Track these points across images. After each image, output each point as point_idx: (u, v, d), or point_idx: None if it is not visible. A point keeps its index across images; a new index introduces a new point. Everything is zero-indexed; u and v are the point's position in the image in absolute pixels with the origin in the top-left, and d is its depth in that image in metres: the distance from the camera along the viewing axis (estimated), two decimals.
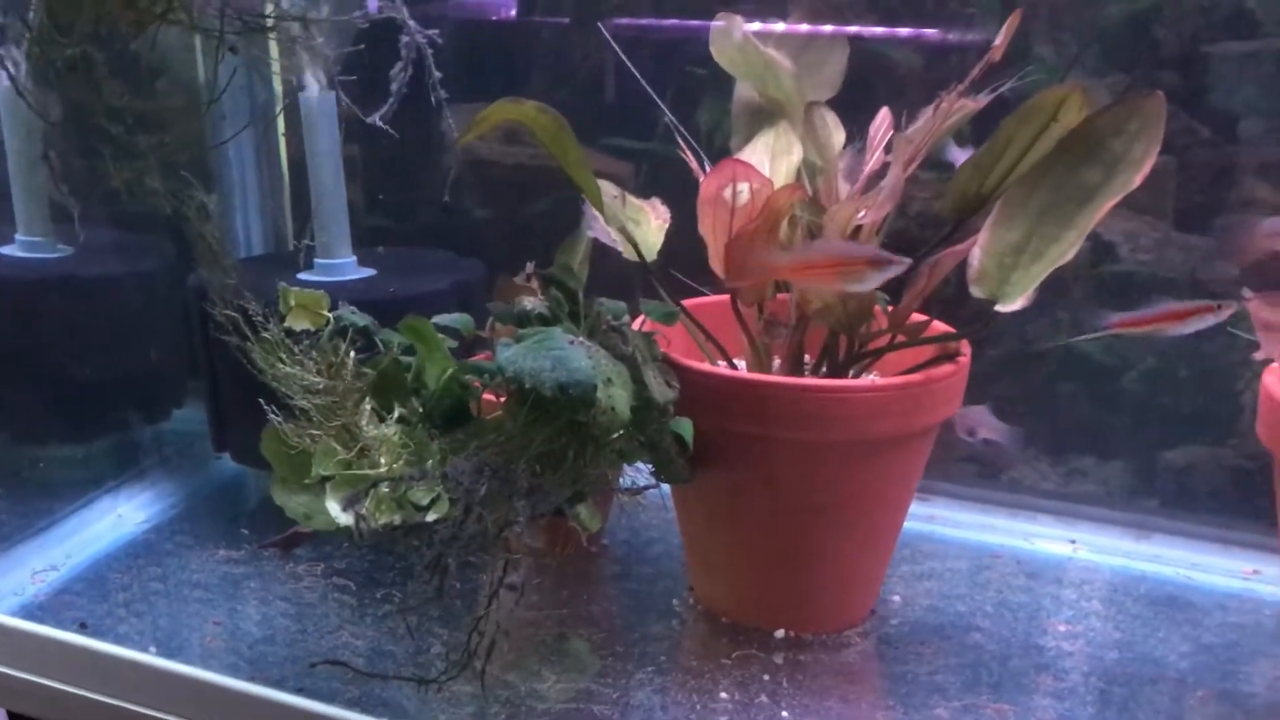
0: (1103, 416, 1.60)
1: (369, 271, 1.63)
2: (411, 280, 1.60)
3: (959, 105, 1.23)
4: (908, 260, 1.14)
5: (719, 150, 1.40)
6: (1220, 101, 1.44)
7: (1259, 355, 1.16)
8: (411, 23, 1.20)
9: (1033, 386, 1.62)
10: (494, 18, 1.87)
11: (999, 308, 1.17)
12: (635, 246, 1.28)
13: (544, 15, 1.83)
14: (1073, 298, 1.55)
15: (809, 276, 1.18)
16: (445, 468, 1.12)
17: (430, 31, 1.22)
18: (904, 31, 1.57)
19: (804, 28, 1.44)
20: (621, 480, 1.37)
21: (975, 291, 1.18)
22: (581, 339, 1.13)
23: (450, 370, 1.16)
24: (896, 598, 1.44)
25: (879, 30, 1.58)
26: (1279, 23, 1.39)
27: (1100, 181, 1.12)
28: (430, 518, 1.16)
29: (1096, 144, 1.11)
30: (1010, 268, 1.16)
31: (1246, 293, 1.15)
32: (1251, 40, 1.41)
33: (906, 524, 1.40)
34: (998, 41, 1.16)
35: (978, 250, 1.17)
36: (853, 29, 1.55)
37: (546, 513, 1.16)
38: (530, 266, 1.40)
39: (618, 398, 1.10)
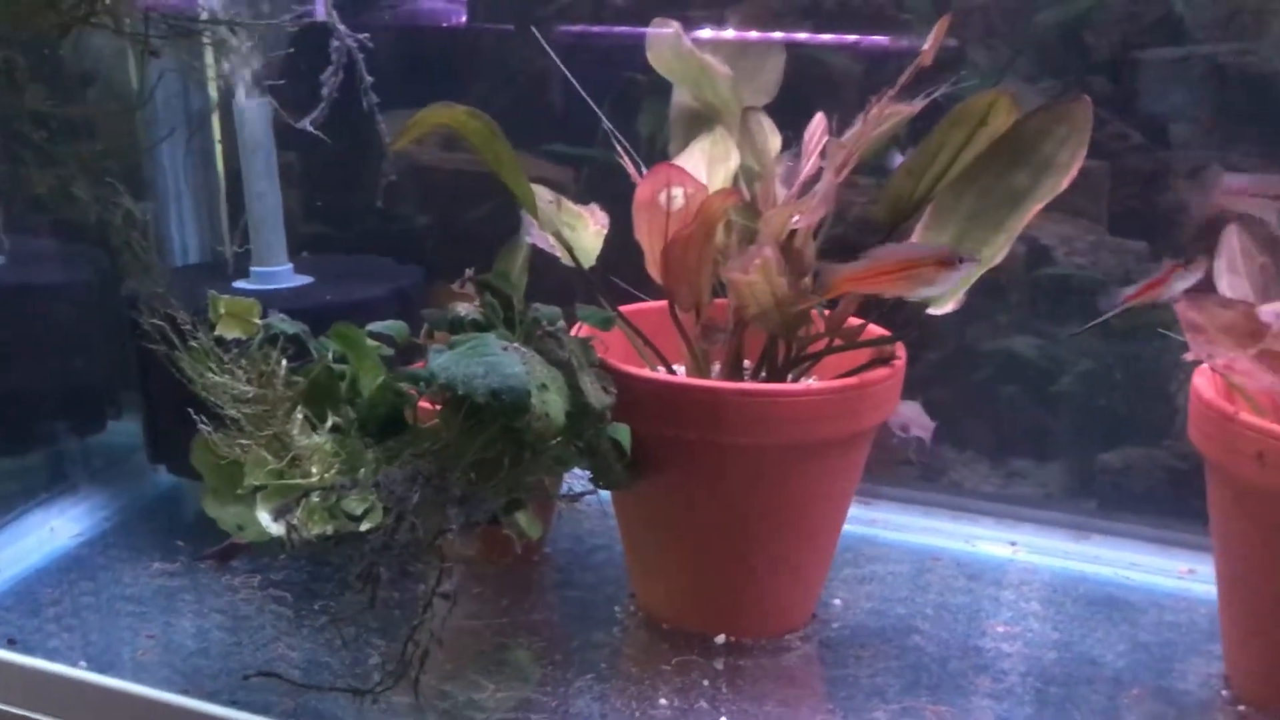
0: (1041, 419, 1.62)
1: (306, 279, 1.61)
2: (349, 287, 1.59)
3: (892, 110, 1.23)
4: (977, 258, 1.13)
5: (660, 156, 1.40)
6: (1151, 106, 1.46)
7: (1188, 356, 1.17)
8: (341, 27, 1.19)
9: (972, 389, 1.63)
10: (443, 25, 1.86)
11: (931, 311, 1.18)
12: (571, 252, 1.28)
13: (490, 22, 1.82)
14: (1010, 301, 1.57)
15: (878, 284, 1.16)
16: (378, 476, 1.11)
17: (360, 36, 1.21)
18: (841, 37, 1.58)
19: (753, 34, 1.44)
20: (562, 487, 1.37)
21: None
22: (516, 345, 1.12)
23: (382, 378, 1.15)
24: (838, 601, 1.44)
25: (816, 36, 1.58)
26: (1206, 29, 1.41)
27: (1029, 185, 1.12)
28: (364, 527, 1.15)
29: (1025, 148, 1.11)
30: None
31: (1175, 295, 1.16)
32: (1180, 46, 1.43)
33: (849, 527, 1.40)
34: (926, 47, 1.17)
35: None
36: (791, 35, 1.55)
37: (482, 521, 1.15)
38: (469, 272, 1.39)
39: (552, 403, 1.09)
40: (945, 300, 1.17)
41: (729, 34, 1.46)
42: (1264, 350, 1.11)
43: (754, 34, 1.42)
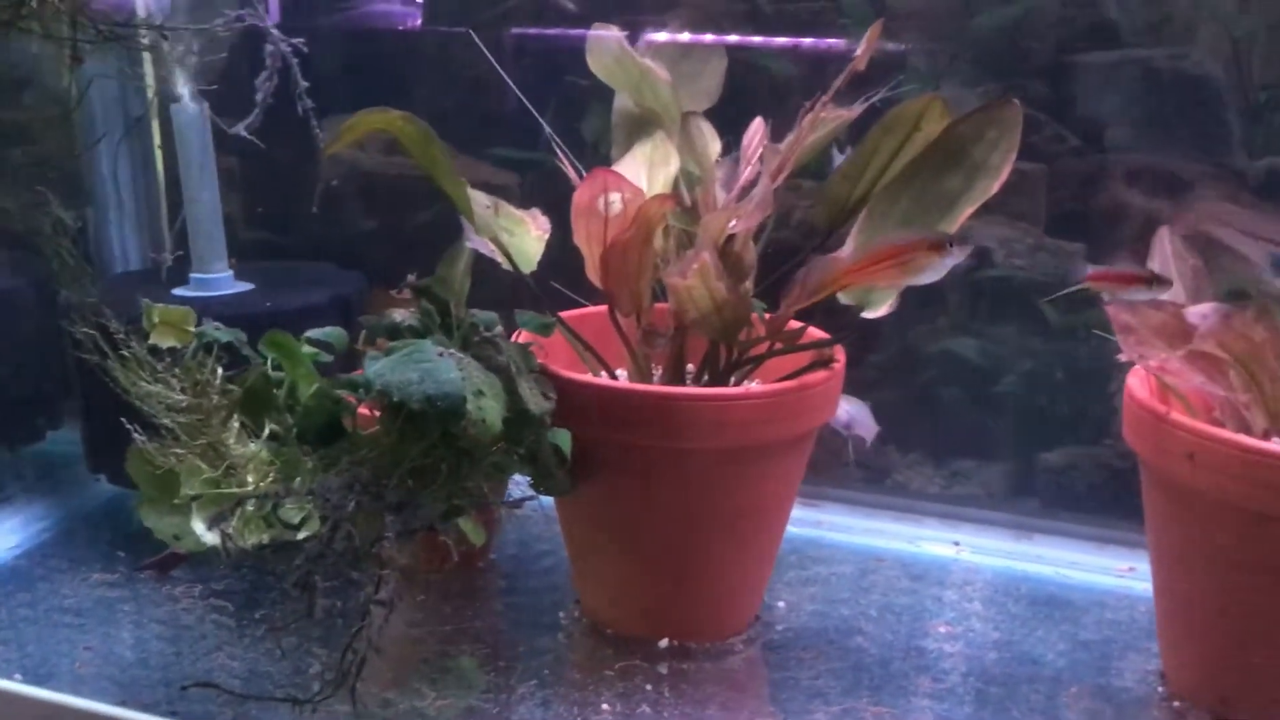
0: (983, 419, 1.63)
1: (247, 285, 1.60)
2: (290, 293, 1.57)
3: (829, 116, 1.24)
4: (969, 246, 1.13)
5: (603, 160, 1.40)
6: (1087, 110, 1.48)
7: (1122, 357, 1.18)
8: (276, 31, 1.18)
9: (915, 391, 1.64)
10: (395, 27, 1.85)
11: (865, 314, 1.19)
12: (510, 257, 1.27)
13: (441, 25, 1.82)
14: (950, 303, 1.58)
15: (872, 275, 1.16)
16: (313, 484, 1.10)
17: (295, 40, 1.20)
18: (781, 41, 1.58)
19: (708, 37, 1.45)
20: (509, 493, 1.36)
21: (843, 299, 1.19)
22: (452, 351, 1.12)
23: (317, 386, 1.14)
24: (782, 603, 1.45)
25: (757, 40, 1.59)
26: (1139, 33, 1.43)
27: (962, 188, 1.13)
28: (301, 536, 1.15)
29: (957, 152, 1.12)
30: None
31: (1106, 297, 1.17)
32: (1114, 50, 1.44)
33: (795, 530, 1.40)
34: (858, 53, 1.17)
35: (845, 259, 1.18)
36: (732, 39, 1.56)
37: (420, 528, 1.15)
38: (411, 278, 1.38)
39: (489, 409, 1.09)
40: (880, 304, 1.18)
41: (682, 36, 1.46)
42: (1193, 351, 1.13)
43: (709, 37, 1.42)
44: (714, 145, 1.34)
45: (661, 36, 1.47)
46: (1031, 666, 1.33)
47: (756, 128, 1.32)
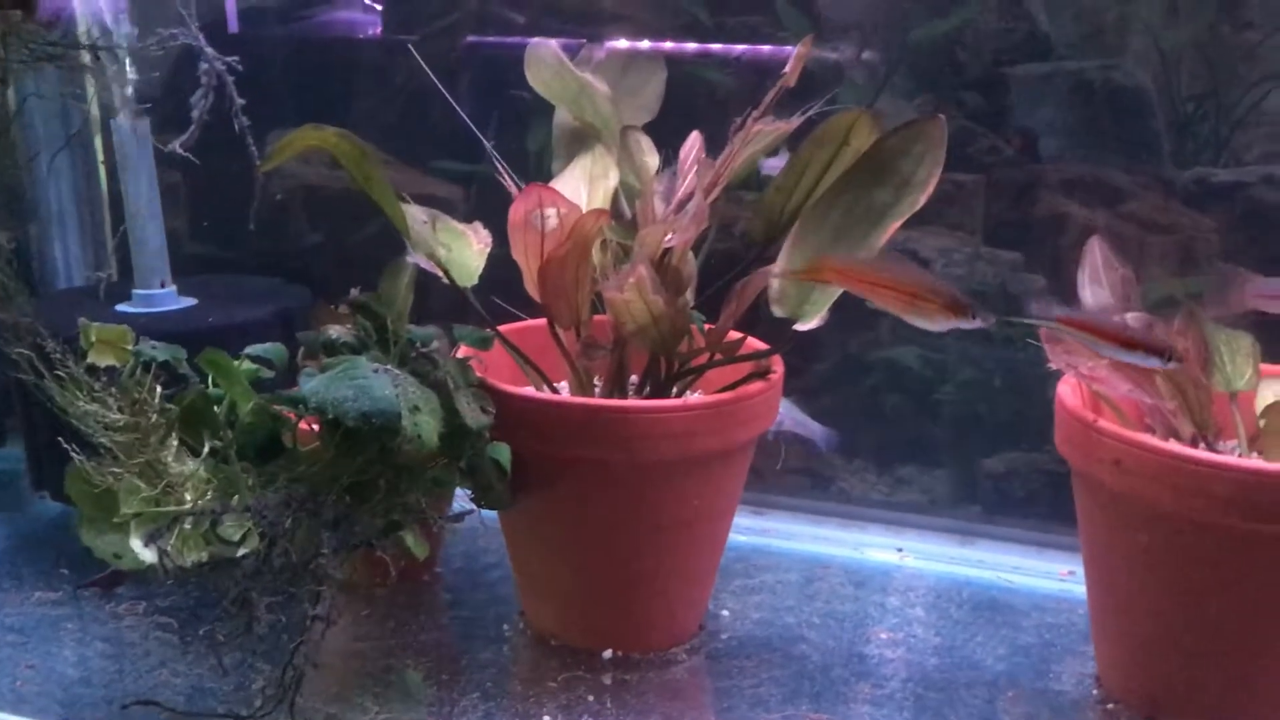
0: (926, 427, 1.65)
1: (190, 301, 1.60)
2: (233, 309, 1.57)
3: (770, 128, 1.25)
4: (992, 320, 1.11)
5: (547, 174, 1.41)
6: (1022, 120, 1.50)
7: (1051, 365, 1.20)
8: (209, 50, 1.18)
9: (859, 399, 1.65)
10: (355, 36, 1.85)
11: (798, 326, 1.20)
12: (447, 272, 1.28)
13: (395, 36, 1.82)
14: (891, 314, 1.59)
15: (881, 295, 1.14)
16: (250, 501, 1.11)
17: (229, 58, 1.20)
18: (720, 52, 1.60)
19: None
20: (454, 507, 1.37)
21: (776, 311, 1.20)
22: (388, 367, 1.13)
23: (253, 403, 1.15)
24: (726, 612, 1.46)
25: (696, 51, 1.60)
26: (1071, 46, 1.45)
27: (890, 201, 1.15)
28: (241, 553, 1.15)
29: (886, 166, 1.14)
30: (809, 288, 1.19)
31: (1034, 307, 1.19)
32: (1047, 62, 1.47)
33: (741, 538, 1.42)
34: (787, 69, 1.19)
35: (777, 272, 1.19)
36: (668, 46, 1.57)
37: (359, 544, 1.15)
38: (354, 293, 1.39)
39: (424, 425, 1.10)
40: (812, 316, 1.19)
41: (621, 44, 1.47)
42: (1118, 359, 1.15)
43: (646, 46, 1.43)
44: (652, 159, 1.35)
45: (623, 43, 1.48)
46: (971, 671, 1.34)
47: (693, 141, 1.33)
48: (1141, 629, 1.22)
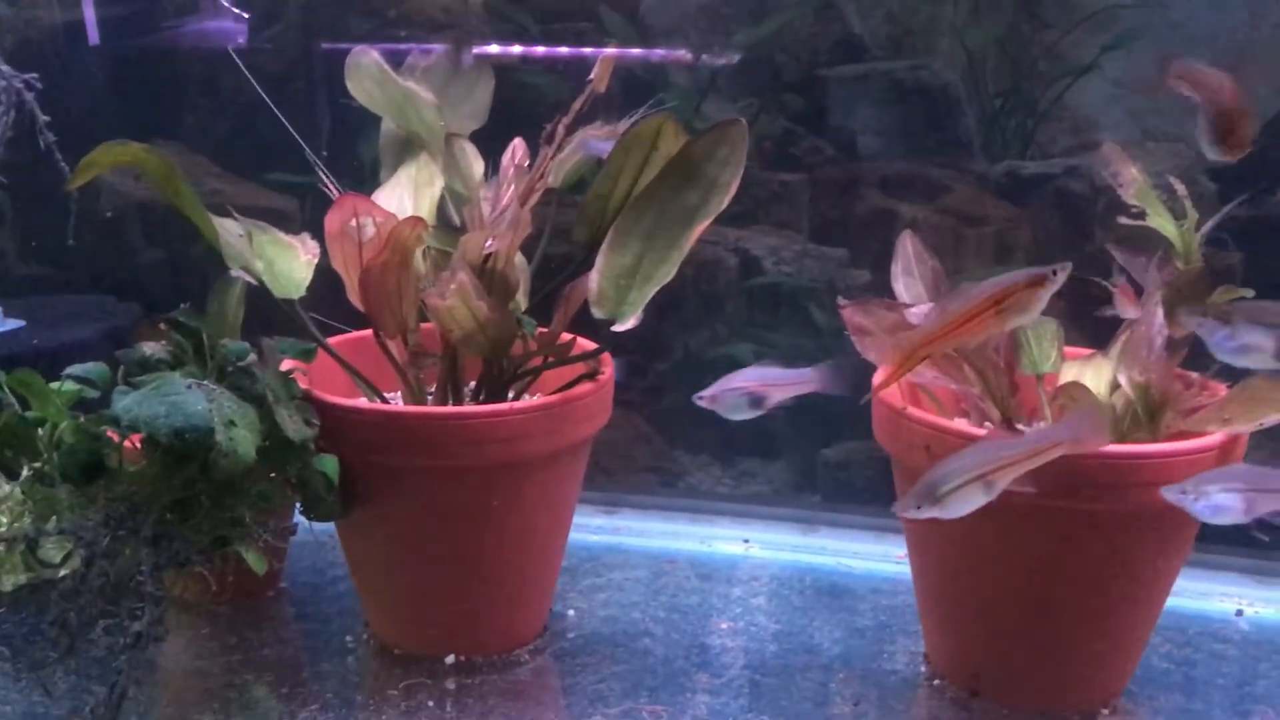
0: (767, 420, 1.68)
1: (17, 323, 1.56)
2: (60, 329, 1.55)
3: (600, 132, 1.28)
4: (1068, 268, 1.07)
5: (381, 182, 1.41)
6: (840, 120, 1.55)
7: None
8: (6, 68, 1.16)
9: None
10: (220, 46, 1.82)
11: (616, 327, 1.22)
12: (264, 284, 1.27)
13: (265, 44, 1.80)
14: (726, 310, 1.63)
15: (966, 334, 1.11)
16: (65, 523, 1.09)
17: (28, 75, 1.19)
18: (548, 58, 1.62)
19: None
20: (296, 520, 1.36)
21: (596, 313, 1.22)
22: (204, 382, 1.12)
23: (67, 422, 1.13)
24: (572, 612, 1.48)
25: (523, 57, 1.62)
26: (883, 47, 1.50)
27: (699, 203, 1.18)
28: (62, 574, 1.13)
29: (694, 169, 1.17)
30: (626, 289, 1.21)
31: (842, 301, 1.23)
32: (861, 63, 1.52)
33: (592, 538, 1.43)
34: (593, 75, 1.21)
35: (595, 274, 1.22)
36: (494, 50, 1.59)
37: (181, 560, 1.14)
38: (185, 307, 1.37)
39: (240, 439, 1.09)
40: (629, 316, 1.21)
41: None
42: None
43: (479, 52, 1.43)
44: (477, 166, 1.37)
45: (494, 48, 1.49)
46: (807, 655, 1.38)
47: (516, 147, 1.34)
48: (962, 608, 1.27)
